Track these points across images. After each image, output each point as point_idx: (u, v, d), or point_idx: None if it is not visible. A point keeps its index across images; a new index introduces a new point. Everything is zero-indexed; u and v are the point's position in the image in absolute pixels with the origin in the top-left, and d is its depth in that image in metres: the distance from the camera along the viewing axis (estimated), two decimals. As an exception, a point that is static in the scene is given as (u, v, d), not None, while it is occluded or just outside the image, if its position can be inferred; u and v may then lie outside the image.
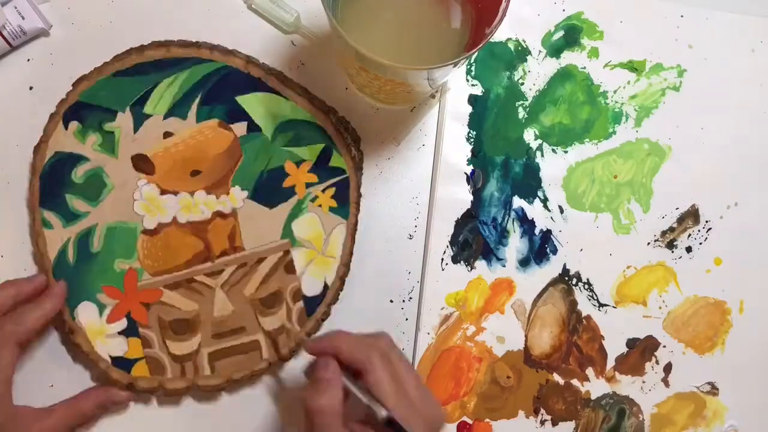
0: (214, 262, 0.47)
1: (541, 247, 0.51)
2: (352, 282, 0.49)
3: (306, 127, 0.48)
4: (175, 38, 0.48)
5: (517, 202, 0.51)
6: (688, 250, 0.53)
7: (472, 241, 0.51)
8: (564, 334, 0.51)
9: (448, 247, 0.50)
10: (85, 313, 0.45)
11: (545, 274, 0.52)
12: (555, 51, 0.52)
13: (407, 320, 0.50)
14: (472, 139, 0.51)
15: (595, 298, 0.52)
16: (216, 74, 0.47)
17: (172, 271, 0.47)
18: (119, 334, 0.46)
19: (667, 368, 0.53)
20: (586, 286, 0.52)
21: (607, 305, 0.52)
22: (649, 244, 0.53)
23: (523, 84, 0.52)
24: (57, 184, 0.46)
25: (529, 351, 0.51)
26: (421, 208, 0.51)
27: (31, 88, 0.48)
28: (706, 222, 0.53)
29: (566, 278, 0.52)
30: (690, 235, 0.53)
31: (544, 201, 0.52)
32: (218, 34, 0.49)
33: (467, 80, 0.51)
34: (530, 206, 0.51)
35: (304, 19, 0.50)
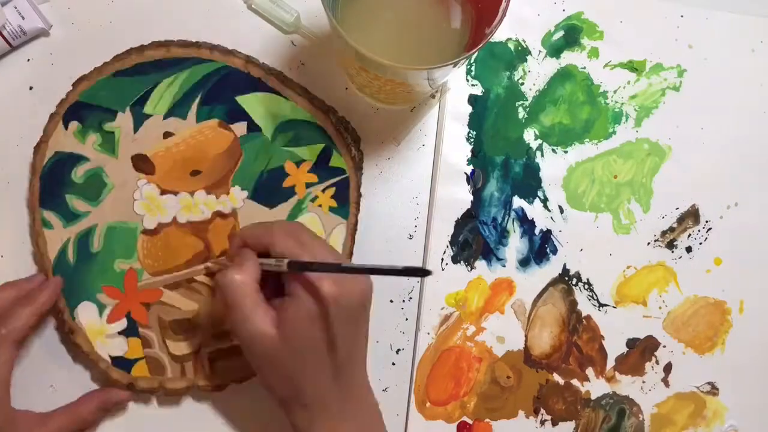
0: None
1: (541, 247, 0.51)
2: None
3: (306, 127, 0.48)
4: (175, 38, 0.48)
5: (517, 202, 0.51)
6: (688, 250, 0.53)
7: (472, 241, 0.51)
8: (564, 334, 0.51)
9: (448, 247, 0.50)
10: (85, 313, 0.45)
11: (545, 274, 0.52)
12: (555, 51, 0.52)
13: (407, 320, 0.50)
14: (472, 139, 0.51)
15: (595, 298, 0.52)
16: (216, 74, 0.48)
17: (172, 271, 0.47)
18: (119, 334, 0.46)
19: (667, 368, 0.53)
20: (586, 286, 0.52)
21: (607, 305, 0.52)
22: (649, 244, 0.53)
23: (523, 84, 0.52)
24: (57, 184, 0.46)
25: (529, 351, 0.51)
26: (421, 208, 0.51)
27: (31, 88, 0.48)
28: (706, 222, 0.53)
29: (566, 278, 0.52)
30: (690, 235, 0.53)
31: (544, 201, 0.52)
32: (218, 34, 0.49)
33: (467, 80, 0.51)
34: (530, 206, 0.51)
35: (304, 19, 0.50)
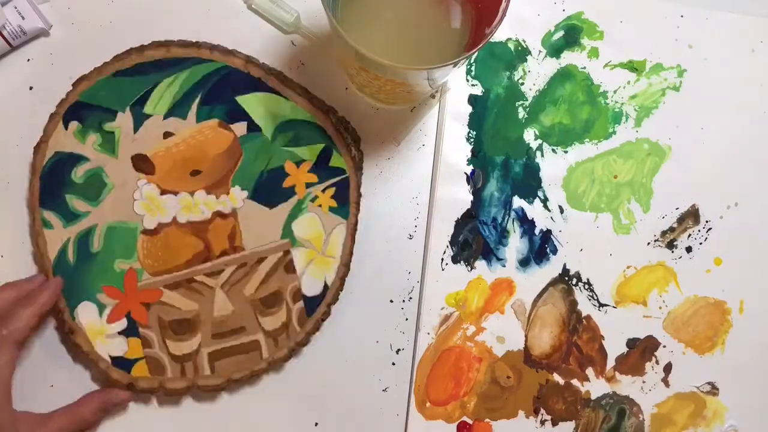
0: (214, 262, 0.47)
1: (541, 247, 0.51)
2: (352, 282, 0.49)
3: (306, 127, 0.48)
4: (175, 38, 0.48)
5: (517, 202, 0.51)
6: (688, 250, 0.53)
7: (472, 241, 0.51)
8: (564, 334, 0.51)
9: (448, 247, 0.50)
10: (85, 313, 0.45)
11: (545, 274, 0.52)
12: (555, 51, 0.52)
13: (407, 320, 0.50)
14: (472, 139, 0.51)
15: (595, 298, 0.52)
16: (216, 74, 0.47)
17: (172, 271, 0.47)
18: (119, 334, 0.46)
19: (667, 368, 0.53)
20: (586, 286, 0.52)
21: (607, 305, 0.52)
22: (649, 244, 0.53)
23: (523, 84, 0.52)
24: (57, 184, 0.46)
25: (529, 351, 0.51)
26: (421, 208, 0.51)
27: (31, 88, 0.48)
28: (706, 222, 0.53)
29: (566, 278, 0.52)
30: (690, 235, 0.53)
31: (544, 201, 0.52)
32: (218, 34, 0.49)
33: (467, 80, 0.51)
34: (530, 206, 0.51)
35: (304, 19, 0.50)
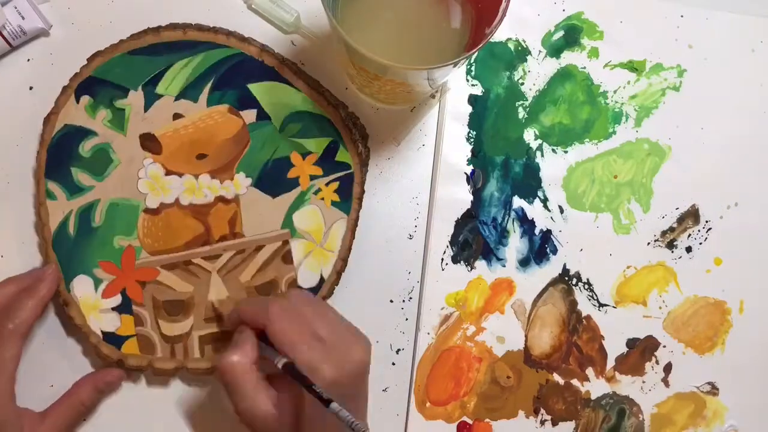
0: (213, 246, 0.47)
1: (541, 247, 0.51)
2: (352, 282, 0.49)
3: (315, 120, 0.48)
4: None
5: (517, 202, 0.51)
6: (688, 250, 0.53)
7: (472, 241, 0.51)
8: (564, 334, 0.51)
9: (448, 247, 0.50)
10: (81, 286, 0.46)
11: (545, 274, 0.52)
12: (555, 51, 0.52)
13: (407, 320, 0.50)
14: (472, 139, 0.51)
15: (595, 298, 0.52)
16: (230, 60, 0.48)
17: (170, 251, 0.47)
18: (113, 310, 0.46)
19: (667, 368, 0.53)
20: (586, 286, 0.52)
21: (607, 305, 0.52)
22: (649, 244, 0.53)
23: (523, 84, 0.52)
24: (64, 157, 0.46)
25: (529, 351, 0.51)
26: (421, 208, 0.51)
27: (31, 88, 0.48)
28: (706, 222, 0.53)
29: (566, 278, 0.52)
30: (690, 235, 0.53)
31: (544, 201, 0.52)
32: (218, 34, 0.49)
33: (467, 80, 0.51)
34: (530, 206, 0.51)
35: (304, 19, 0.50)
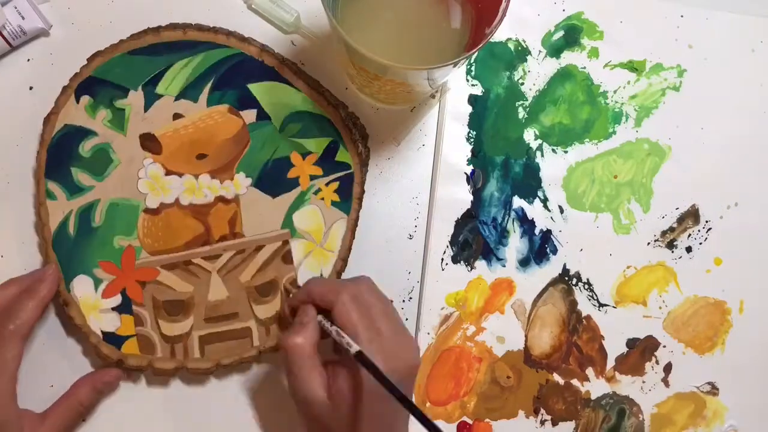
0: (213, 246, 0.47)
1: (541, 247, 0.51)
2: (352, 282, 0.49)
3: (315, 120, 0.48)
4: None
5: (517, 202, 0.51)
6: (688, 250, 0.53)
7: (472, 241, 0.51)
8: (564, 334, 0.51)
9: (448, 247, 0.50)
10: (81, 286, 0.46)
11: (545, 274, 0.52)
12: (555, 51, 0.52)
13: (407, 320, 0.50)
14: (472, 139, 0.51)
15: (595, 298, 0.52)
16: (230, 60, 0.48)
17: (170, 251, 0.47)
18: (113, 310, 0.46)
19: (667, 368, 0.53)
20: (586, 286, 0.52)
21: (607, 305, 0.52)
22: (649, 244, 0.53)
23: (523, 84, 0.52)
24: (64, 157, 0.46)
25: (529, 351, 0.51)
26: (421, 208, 0.51)
27: (31, 88, 0.48)
28: (706, 222, 0.53)
29: (566, 278, 0.52)
30: (690, 235, 0.53)
31: (544, 201, 0.52)
32: (218, 34, 0.49)
33: (467, 80, 0.51)
34: (530, 206, 0.51)
35: (304, 19, 0.50)
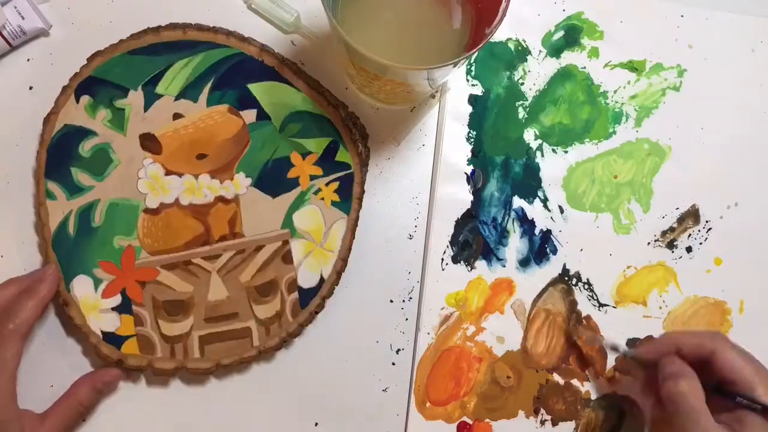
0: (213, 246, 0.47)
1: (541, 247, 0.51)
2: (352, 282, 0.49)
3: (315, 120, 0.48)
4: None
5: (517, 202, 0.51)
6: (688, 250, 0.53)
7: (472, 241, 0.51)
8: (564, 334, 0.51)
9: (448, 247, 0.50)
10: (81, 286, 0.46)
11: (545, 274, 0.52)
12: (555, 51, 0.52)
13: (407, 320, 0.50)
14: (472, 139, 0.51)
15: (595, 298, 0.52)
16: (230, 60, 0.48)
17: (170, 251, 0.47)
18: (113, 310, 0.46)
19: (667, 368, 0.53)
20: (586, 286, 0.52)
21: (607, 305, 0.52)
22: (649, 244, 0.53)
23: (523, 84, 0.52)
24: (64, 157, 0.46)
25: (528, 351, 0.51)
26: (421, 208, 0.51)
27: (31, 88, 0.48)
28: (706, 222, 0.53)
29: (566, 278, 0.52)
30: (690, 235, 0.53)
31: (544, 201, 0.52)
32: (218, 34, 0.49)
33: (467, 80, 0.51)
34: (530, 206, 0.51)
35: (304, 19, 0.50)
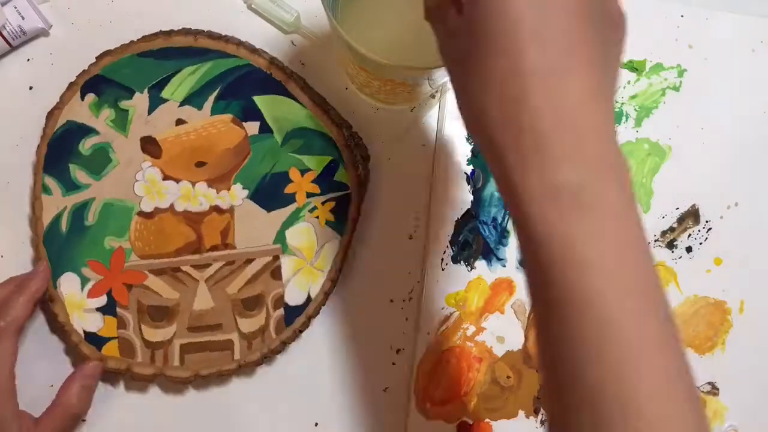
0: (203, 255, 0.47)
1: (541, 247, 0.51)
2: (352, 282, 0.49)
3: (317, 137, 0.48)
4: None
5: (517, 202, 0.51)
6: (688, 250, 0.53)
7: (472, 241, 0.51)
8: (564, 334, 0.51)
9: (448, 247, 0.50)
10: (68, 283, 0.46)
11: (545, 274, 0.51)
12: (555, 51, 0.52)
13: (407, 320, 0.50)
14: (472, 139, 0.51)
15: (595, 298, 0.52)
16: (238, 71, 0.48)
17: (160, 256, 0.46)
18: (97, 311, 0.46)
19: (667, 368, 0.53)
20: (586, 286, 0.52)
21: (607, 305, 0.52)
22: (649, 244, 0.53)
23: (523, 84, 0.52)
24: (63, 153, 0.46)
25: (529, 351, 0.51)
26: (421, 208, 0.51)
27: (31, 88, 0.48)
28: (706, 222, 0.53)
29: (566, 278, 0.52)
30: (690, 235, 0.53)
31: (544, 201, 0.52)
32: (218, 34, 0.49)
33: (467, 80, 0.51)
34: (530, 206, 0.51)
35: (304, 19, 0.50)
